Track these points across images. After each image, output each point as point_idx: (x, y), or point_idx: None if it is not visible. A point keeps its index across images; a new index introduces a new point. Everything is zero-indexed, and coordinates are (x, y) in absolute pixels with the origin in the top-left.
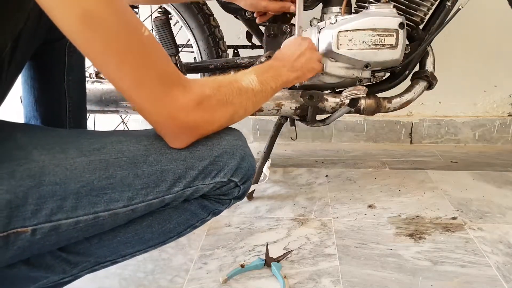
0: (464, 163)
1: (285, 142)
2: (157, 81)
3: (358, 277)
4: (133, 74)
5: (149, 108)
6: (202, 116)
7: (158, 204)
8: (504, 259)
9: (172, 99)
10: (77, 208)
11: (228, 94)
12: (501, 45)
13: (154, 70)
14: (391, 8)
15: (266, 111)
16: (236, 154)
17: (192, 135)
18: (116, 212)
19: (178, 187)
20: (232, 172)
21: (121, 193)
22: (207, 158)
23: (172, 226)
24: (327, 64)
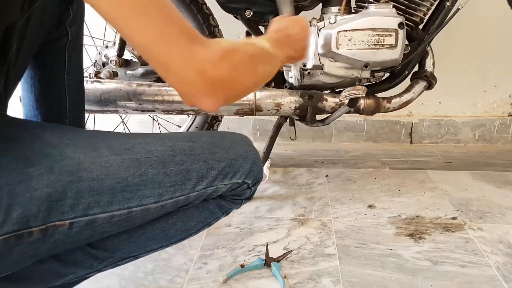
0: (464, 163)
1: (285, 142)
2: (181, 36)
3: (358, 277)
4: (158, 27)
5: (176, 63)
6: (228, 71)
7: (184, 201)
8: (504, 259)
9: (198, 52)
10: (113, 203)
11: (249, 52)
12: (501, 45)
13: (176, 25)
14: (390, 8)
15: (266, 111)
16: (249, 158)
17: (221, 91)
18: (147, 208)
19: (201, 186)
20: (246, 174)
21: (152, 189)
22: (224, 160)
23: (193, 223)
24: (327, 64)
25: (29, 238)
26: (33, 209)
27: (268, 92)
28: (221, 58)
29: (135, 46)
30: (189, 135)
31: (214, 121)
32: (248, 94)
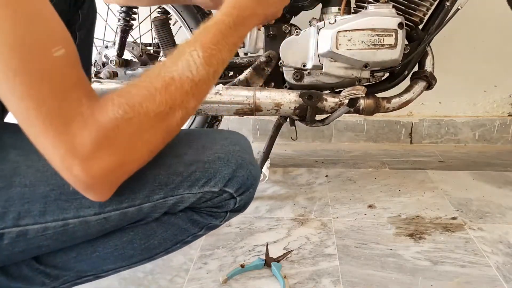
0: (464, 163)
1: (285, 142)
2: (49, 119)
3: (358, 277)
4: (22, 103)
5: (43, 152)
6: (113, 159)
7: (135, 214)
8: (504, 259)
9: (65, 146)
10: (46, 213)
11: (157, 100)
12: (501, 45)
13: (48, 104)
14: (390, 8)
15: (265, 111)
16: (231, 161)
17: (105, 187)
18: (86, 220)
19: (159, 195)
20: (225, 181)
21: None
22: (194, 163)
23: (156, 242)
24: (326, 64)
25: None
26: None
27: (268, 92)
28: (97, 149)
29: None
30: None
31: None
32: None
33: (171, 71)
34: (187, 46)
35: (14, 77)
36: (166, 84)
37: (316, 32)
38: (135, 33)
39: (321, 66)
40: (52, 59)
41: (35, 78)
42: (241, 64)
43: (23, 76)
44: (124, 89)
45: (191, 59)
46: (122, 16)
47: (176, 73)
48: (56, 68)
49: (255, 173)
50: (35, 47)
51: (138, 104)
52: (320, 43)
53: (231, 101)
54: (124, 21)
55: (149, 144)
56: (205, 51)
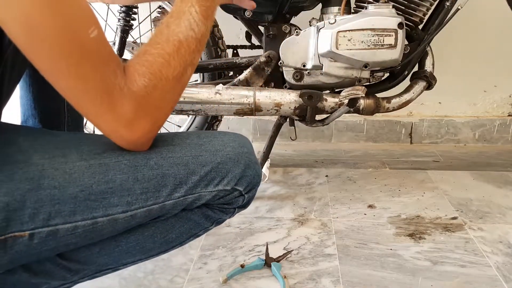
0: (464, 163)
1: (285, 142)
2: (95, 97)
3: (358, 277)
4: (72, 90)
5: (93, 122)
6: (149, 121)
7: (158, 210)
8: (504, 259)
9: (112, 115)
10: (75, 213)
11: (172, 69)
12: (501, 45)
13: (91, 85)
14: (390, 8)
15: (265, 111)
16: (240, 162)
17: (146, 142)
18: (114, 218)
19: (179, 193)
20: (236, 180)
21: (120, 197)
22: (209, 164)
23: (174, 235)
24: (326, 64)
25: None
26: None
27: (268, 92)
28: (138, 115)
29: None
30: (173, 135)
31: (214, 121)
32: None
33: (177, 34)
34: (183, 3)
35: (59, 60)
36: (176, 48)
37: (316, 32)
38: (135, 33)
39: (321, 66)
40: (89, 40)
41: (78, 59)
42: (241, 64)
43: (68, 59)
44: (142, 57)
45: (190, 17)
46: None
47: (182, 35)
48: (94, 48)
49: (260, 172)
50: (75, 32)
51: (158, 71)
52: (320, 43)
53: (231, 101)
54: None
55: (172, 102)
56: (200, 5)
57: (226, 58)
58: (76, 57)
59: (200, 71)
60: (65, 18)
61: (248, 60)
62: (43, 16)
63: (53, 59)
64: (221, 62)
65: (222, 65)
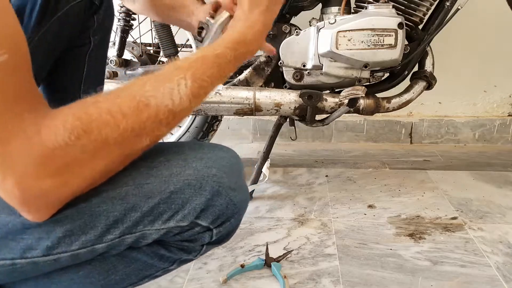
0: (464, 163)
1: (285, 142)
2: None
3: (358, 277)
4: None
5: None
6: (54, 180)
7: (88, 254)
8: (504, 259)
9: (13, 154)
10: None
11: (121, 128)
12: (501, 45)
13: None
14: (390, 8)
15: (265, 111)
16: (204, 188)
17: (42, 207)
18: (34, 261)
19: (113, 235)
20: (196, 213)
21: (38, 240)
22: (157, 194)
23: (118, 277)
24: (326, 64)
25: None
26: None
27: (268, 92)
28: (38, 170)
29: None
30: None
31: (214, 120)
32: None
33: (148, 97)
34: (176, 71)
35: None
36: (137, 111)
37: (316, 32)
38: (135, 33)
39: (321, 66)
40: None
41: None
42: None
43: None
44: (84, 108)
45: (176, 88)
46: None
47: (153, 100)
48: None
49: (237, 199)
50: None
51: (97, 130)
52: (320, 43)
53: (231, 101)
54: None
55: (102, 170)
56: (195, 81)
57: None
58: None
59: None
60: None
61: (248, 60)
62: None
63: None
64: None
65: None
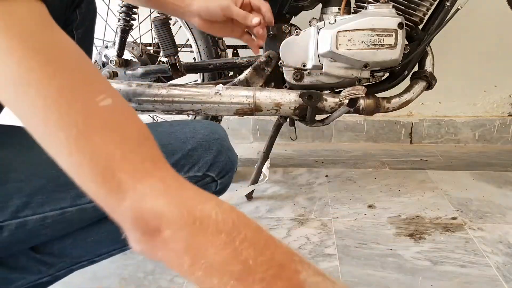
0: (464, 163)
1: (285, 142)
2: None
3: (358, 277)
4: (69, 158)
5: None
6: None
7: None
8: (504, 259)
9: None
10: (44, 204)
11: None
12: (501, 45)
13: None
14: (390, 8)
15: (265, 111)
16: (212, 148)
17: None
18: (83, 208)
19: None
20: (208, 166)
21: None
22: (179, 151)
23: None
24: (326, 64)
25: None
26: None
27: (268, 92)
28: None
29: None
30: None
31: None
32: None
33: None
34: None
35: (57, 132)
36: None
37: (316, 32)
38: (135, 33)
39: (321, 66)
40: (98, 109)
41: (82, 130)
42: (241, 64)
43: (66, 131)
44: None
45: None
46: (122, 16)
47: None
48: (105, 118)
49: (233, 158)
50: (77, 99)
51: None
52: (320, 43)
53: (231, 101)
54: (124, 21)
55: None
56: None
57: (226, 58)
58: (78, 128)
59: (200, 71)
60: (63, 81)
61: (248, 60)
62: (36, 75)
63: (48, 128)
64: (221, 62)
65: (222, 65)
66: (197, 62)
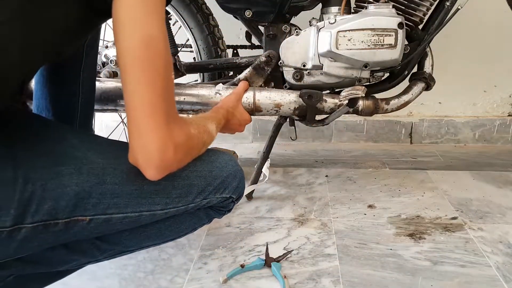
0: (464, 163)
1: (285, 142)
2: (168, 113)
3: (358, 277)
4: (156, 99)
5: (148, 135)
6: (183, 156)
7: (183, 210)
8: (504, 259)
9: (169, 133)
10: (128, 206)
11: (202, 141)
12: (501, 45)
13: (169, 103)
14: (390, 8)
15: (265, 112)
16: (237, 176)
17: (167, 171)
18: (154, 213)
19: (199, 199)
20: (233, 190)
21: (161, 198)
22: (219, 177)
23: (184, 227)
24: (326, 64)
25: (54, 228)
26: (62, 204)
27: (268, 93)
28: (183, 143)
29: (125, 96)
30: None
31: None
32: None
33: (208, 128)
34: (208, 118)
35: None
36: (207, 132)
37: (316, 32)
38: None
39: (321, 66)
40: (171, 79)
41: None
42: (241, 64)
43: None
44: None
45: (212, 127)
46: None
47: (210, 130)
48: (172, 85)
49: (244, 185)
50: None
51: (199, 130)
52: (320, 43)
53: None
54: None
55: (196, 155)
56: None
57: (226, 58)
58: (165, 83)
59: (200, 71)
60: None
61: (248, 60)
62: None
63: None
64: (221, 62)
65: (222, 65)
66: (197, 62)
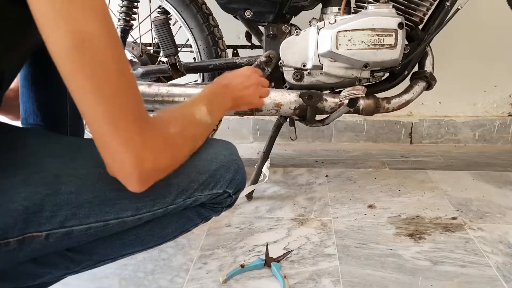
0: (464, 163)
1: (285, 142)
2: (132, 121)
3: (358, 277)
4: (111, 109)
5: (117, 151)
6: (167, 160)
7: (161, 213)
8: (504, 259)
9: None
10: (90, 216)
11: (193, 129)
12: (501, 45)
13: (131, 109)
14: (390, 8)
15: (265, 111)
16: (231, 168)
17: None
18: (124, 220)
19: (181, 199)
20: (227, 184)
21: (130, 203)
22: (206, 172)
23: (170, 230)
24: (326, 64)
25: (6, 248)
26: (10, 221)
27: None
28: (162, 147)
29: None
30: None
31: None
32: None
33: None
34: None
35: (107, 89)
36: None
37: (316, 32)
38: (135, 33)
39: (321, 66)
40: (131, 74)
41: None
42: (241, 64)
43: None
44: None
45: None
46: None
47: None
48: (133, 81)
49: (245, 176)
50: (122, 58)
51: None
52: (320, 43)
53: None
54: (124, 21)
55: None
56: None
57: (226, 58)
58: (120, 86)
59: (200, 71)
60: (118, 50)
61: (248, 60)
62: (100, 40)
63: (101, 84)
64: (221, 62)
65: (222, 65)
66: (197, 62)
